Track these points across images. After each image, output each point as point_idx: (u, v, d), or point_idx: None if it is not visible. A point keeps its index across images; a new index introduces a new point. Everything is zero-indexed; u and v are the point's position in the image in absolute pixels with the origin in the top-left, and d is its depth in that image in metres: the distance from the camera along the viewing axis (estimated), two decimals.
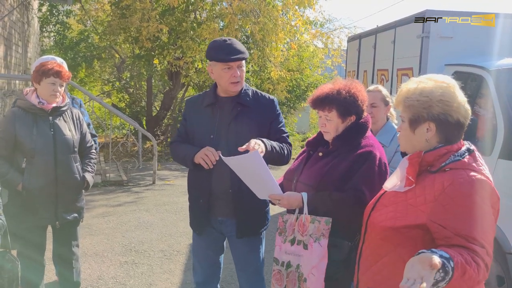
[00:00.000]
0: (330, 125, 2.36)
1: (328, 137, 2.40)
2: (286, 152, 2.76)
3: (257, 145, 2.44)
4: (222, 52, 2.65)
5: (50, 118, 3.21)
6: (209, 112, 2.77)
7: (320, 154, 2.41)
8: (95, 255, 4.89)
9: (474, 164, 1.74)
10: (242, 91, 2.78)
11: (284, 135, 2.86)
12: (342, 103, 2.32)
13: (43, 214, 3.20)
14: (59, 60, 3.46)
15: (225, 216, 2.79)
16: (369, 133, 2.42)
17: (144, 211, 6.63)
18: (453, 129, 1.77)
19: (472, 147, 1.81)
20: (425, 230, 1.70)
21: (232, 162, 2.41)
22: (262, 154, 2.46)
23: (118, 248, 5.13)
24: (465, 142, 1.82)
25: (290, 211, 2.39)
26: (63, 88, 3.25)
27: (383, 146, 3.21)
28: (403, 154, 1.92)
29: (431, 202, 1.70)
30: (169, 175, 9.39)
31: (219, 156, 2.51)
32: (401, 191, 1.81)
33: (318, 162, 2.39)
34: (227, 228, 2.83)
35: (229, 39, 2.72)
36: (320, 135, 2.49)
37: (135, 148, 10.62)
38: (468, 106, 1.81)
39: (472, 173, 1.70)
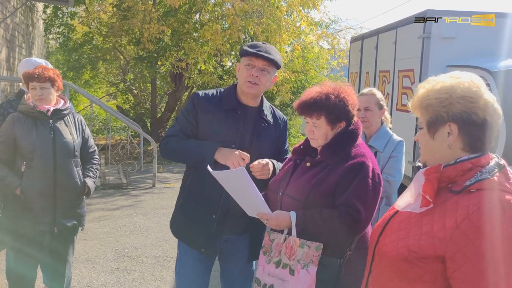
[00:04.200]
0: (319, 132, 2.17)
1: (316, 144, 2.22)
2: None
3: (264, 169, 2.36)
4: (251, 48, 2.45)
5: (51, 121, 3.17)
6: (230, 118, 2.50)
7: (308, 164, 2.21)
8: (86, 261, 4.80)
9: (506, 184, 1.42)
10: (264, 106, 2.59)
11: (287, 155, 2.71)
12: (332, 109, 2.12)
13: (42, 219, 3.14)
14: (42, 61, 3.43)
15: (233, 234, 2.58)
16: (359, 140, 2.23)
17: (141, 215, 6.54)
18: (479, 132, 1.45)
19: (502, 161, 1.51)
20: (445, 263, 1.41)
21: (218, 176, 2.24)
22: (266, 177, 2.38)
23: (111, 254, 5.04)
24: (493, 156, 1.52)
25: (277, 229, 2.20)
26: (48, 90, 3.16)
27: (377, 152, 3.10)
28: (423, 166, 1.62)
29: (451, 229, 1.39)
30: (170, 177, 9.31)
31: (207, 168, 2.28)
32: (416, 212, 1.52)
33: (305, 173, 2.19)
34: (230, 246, 2.60)
35: (268, 44, 2.52)
36: (307, 142, 2.31)
37: (138, 150, 10.58)
38: (498, 106, 1.48)
39: (505, 196, 1.39)
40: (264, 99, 2.62)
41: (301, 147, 2.35)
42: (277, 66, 2.48)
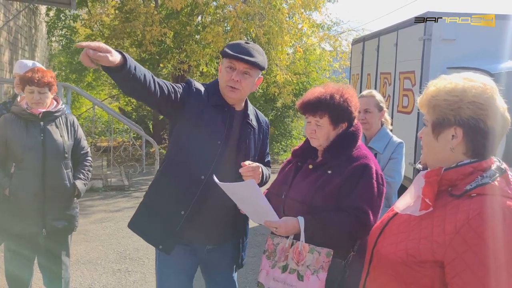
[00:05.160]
0: (321, 131, 2.17)
1: (317, 143, 2.21)
2: (269, 178, 2.57)
3: (255, 172, 2.31)
4: (232, 49, 2.31)
5: (42, 123, 3.18)
6: (218, 114, 2.37)
7: (310, 166, 2.21)
8: (88, 263, 4.82)
9: (506, 189, 1.40)
10: (249, 110, 2.50)
11: (269, 158, 2.70)
12: (336, 109, 2.14)
13: (30, 220, 3.15)
14: (30, 63, 3.47)
15: (216, 244, 2.48)
16: (360, 142, 2.24)
17: None
18: (483, 139, 1.43)
19: (504, 165, 1.47)
20: (443, 268, 1.40)
21: (226, 187, 2.20)
22: (257, 182, 2.34)
23: (113, 256, 5.06)
24: (495, 159, 1.49)
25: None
26: (45, 94, 3.17)
27: (376, 153, 3.11)
28: (423, 168, 1.60)
29: (450, 234, 1.37)
30: None
31: (214, 179, 2.17)
32: (416, 215, 1.50)
33: (308, 175, 2.18)
34: (214, 256, 2.50)
35: (250, 43, 2.39)
36: (307, 143, 2.30)
37: (140, 152, 10.61)
38: (507, 115, 1.46)
39: (506, 202, 1.36)
40: (248, 102, 2.54)
41: (301, 149, 2.34)
42: (260, 68, 2.35)
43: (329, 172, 2.13)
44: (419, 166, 1.62)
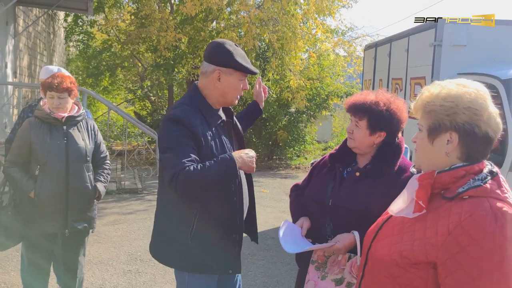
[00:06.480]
0: (357, 133, 2.23)
1: (352, 144, 2.26)
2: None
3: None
4: (244, 60, 2.32)
5: (64, 127, 3.28)
6: (221, 132, 2.36)
7: (357, 174, 2.24)
8: (100, 263, 4.91)
9: (498, 191, 1.43)
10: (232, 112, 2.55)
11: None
12: (376, 115, 2.18)
13: (53, 221, 3.25)
14: (55, 69, 3.55)
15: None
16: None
17: None
18: (478, 144, 1.47)
19: (495, 168, 1.52)
20: (436, 269, 1.43)
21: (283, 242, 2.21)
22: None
23: (124, 257, 5.15)
24: (487, 163, 1.53)
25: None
26: (65, 99, 3.26)
27: None
28: (417, 172, 1.62)
29: (443, 235, 1.41)
30: None
31: None
32: (409, 218, 1.53)
33: (357, 183, 2.21)
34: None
35: (237, 45, 2.39)
36: (343, 147, 2.35)
37: (154, 156, 10.73)
38: (499, 120, 1.49)
39: (497, 203, 1.39)
40: None
41: (340, 153, 2.36)
42: None
43: (382, 180, 2.17)
44: (413, 170, 1.66)
